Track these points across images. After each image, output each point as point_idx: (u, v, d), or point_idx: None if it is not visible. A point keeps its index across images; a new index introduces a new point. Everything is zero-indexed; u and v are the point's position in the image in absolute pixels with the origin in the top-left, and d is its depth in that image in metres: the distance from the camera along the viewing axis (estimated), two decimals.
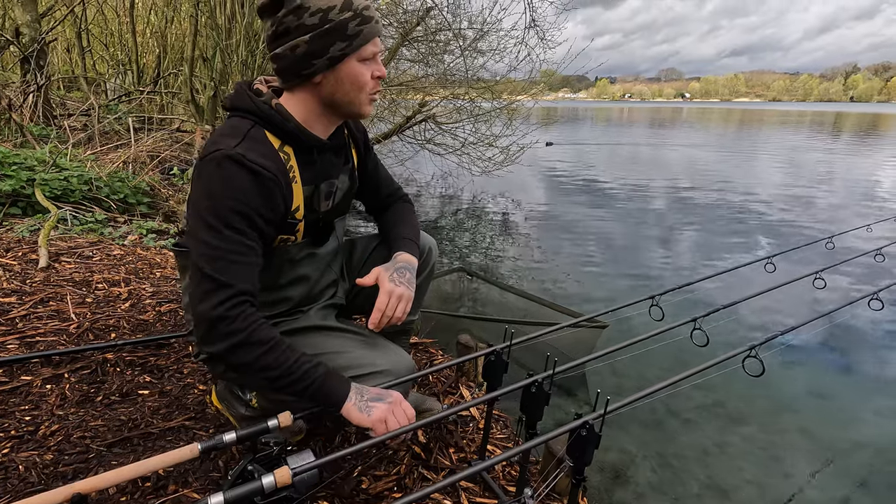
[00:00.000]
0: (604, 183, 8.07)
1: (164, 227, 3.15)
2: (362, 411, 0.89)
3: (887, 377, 2.44)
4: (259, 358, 0.86)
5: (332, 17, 0.87)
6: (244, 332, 0.85)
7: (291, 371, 0.87)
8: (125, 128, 4.93)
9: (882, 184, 8.26)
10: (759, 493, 1.67)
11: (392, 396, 0.93)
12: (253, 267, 0.89)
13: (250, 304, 0.88)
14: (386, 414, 0.89)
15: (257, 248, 0.90)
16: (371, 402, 0.90)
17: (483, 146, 6.14)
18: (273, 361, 0.86)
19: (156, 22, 7.04)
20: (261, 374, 0.87)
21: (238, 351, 0.85)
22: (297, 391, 0.88)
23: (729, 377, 1.79)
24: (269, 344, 0.87)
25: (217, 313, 0.84)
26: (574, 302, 3.24)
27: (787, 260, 2.44)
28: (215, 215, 0.85)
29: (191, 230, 0.89)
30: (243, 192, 0.86)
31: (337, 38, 0.88)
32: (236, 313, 0.85)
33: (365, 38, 0.90)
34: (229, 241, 0.86)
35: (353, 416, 0.89)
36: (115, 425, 1.27)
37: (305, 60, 0.89)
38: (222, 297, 0.84)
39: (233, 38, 3.87)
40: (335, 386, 0.91)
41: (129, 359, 1.58)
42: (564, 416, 1.91)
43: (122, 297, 2.00)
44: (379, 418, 0.89)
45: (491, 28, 5.67)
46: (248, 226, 0.88)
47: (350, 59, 0.91)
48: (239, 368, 0.88)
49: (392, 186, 1.27)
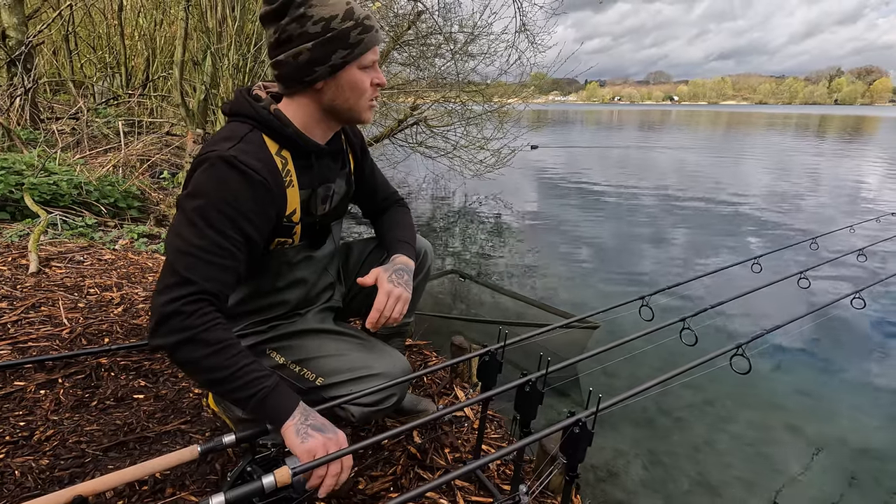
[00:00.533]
0: (594, 185, 8.14)
1: (155, 232, 3.14)
2: (298, 434, 0.84)
3: (870, 374, 2.50)
4: (206, 357, 0.82)
5: (334, 26, 0.89)
6: (194, 330, 0.82)
7: (238, 376, 0.83)
8: (114, 131, 4.89)
9: (865, 185, 8.43)
10: (747, 490, 1.70)
11: (335, 433, 0.87)
12: (226, 270, 0.87)
13: (210, 303, 0.85)
14: (318, 447, 0.83)
15: (237, 253, 0.88)
16: (311, 430, 0.85)
17: (474, 149, 6.18)
18: (220, 363, 0.83)
19: (144, 25, 6.99)
20: (206, 374, 0.84)
21: (184, 347, 0.82)
22: (240, 398, 0.85)
23: (718, 375, 1.83)
24: (220, 345, 0.83)
25: (172, 308, 0.81)
26: (566, 303, 3.27)
27: (773, 260, 2.49)
28: (200, 213, 0.85)
29: (172, 226, 0.89)
30: (232, 194, 0.87)
31: (339, 45, 0.90)
32: (192, 309, 0.82)
33: (365, 47, 0.92)
34: (207, 239, 0.85)
35: (288, 438, 0.84)
36: (110, 430, 1.27)
37: (308, 67, 0.91)
38: (181, 292, 0.82)
39: (224, 41, 3.87)
40: (281, 401, 0.86)
41: (123, 363, 1.58)
42: (558, 417, 1.93)
43: (115, 302, 1.99)
44: (309, 449, 0.82)
45: (481, 32, 5.72)
46: (232, 228, 0.87)
47: (351, 66, 0.93)
48: (184, 365, 0.85)
49: (388, 190, 1.28)
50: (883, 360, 2.64)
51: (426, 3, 5.39)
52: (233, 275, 0.89)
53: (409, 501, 0.76)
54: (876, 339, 2.86)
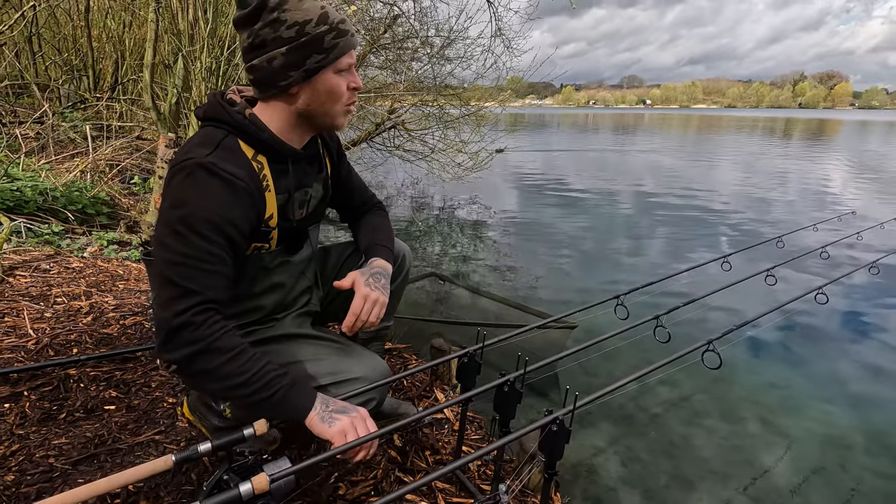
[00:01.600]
0: (572, 187, 8.26)
1: (126, 238, 3.06)
2: (324, 422, 0.88)
3: (834, 366, 2.60)
4: (222, 365, 0.84)
5: (308, 31, 0.88)
6: (207, 340, 0.83)
7: (256, 379, 0.85)
8: (82, 136, 4.75)
9: (828, 185, 8.77)
10: (722, 482, 1.75)
11: (357, 411, 0.91)
12: (221, 276, 0.88)
13: (216, 311, 0.86)
14: (347, 427, 0.88)
15: (226, 258, 0.89)
16: (335, 414, 0.89)
17: (452, 152, 6.20)
18: (237, 369, 0.84)
19: (113, 26, 6.81)
20: (223, 381, 0.85)
21: (199, 358, 0.83)
22: (260, 400, 0.86)
23: (692, 371, 1.87)
24: (234, 351, 0.85)
25: (181, 320, 0.82)
26: (544, 303, 3.31)
27: (742, 258, 2.57)
28: (184, 223, 0.85)
29: (156, 238, 0.88)
30: (214, 201, 0.86)
31: (313, 50, 0.89)
32: (201, 320, 0.83)
33: (341, 51, 0.92)
34: (197, 248, 0.85)
35: (315, 427, 0.88)
36: (80, 442, 1.24)
37: (282, 72, 0.90)
38: (187, 303, 0.83)
39: (196, 44, 3.80)
40: (301, 395, 0.89)
41: (93, 374, 1.53)
42: (537, 416, 1.95)
43: (84, 311, 1.93)
44: (340, 430, 0.87)
45: (458, 36, 5.75)
46: (218, 235, 0.87)
47: (326, 71, 0.92)
48: (199, 376, 0.85)
49: (366, 194, 1.28)
50: (846, 352, 2.74)
51: (402, 8, 5.40)
52: (227, 280, 0.90)
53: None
54: (839, 332, 2.97)
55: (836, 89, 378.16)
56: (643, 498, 1.66)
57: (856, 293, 3.52)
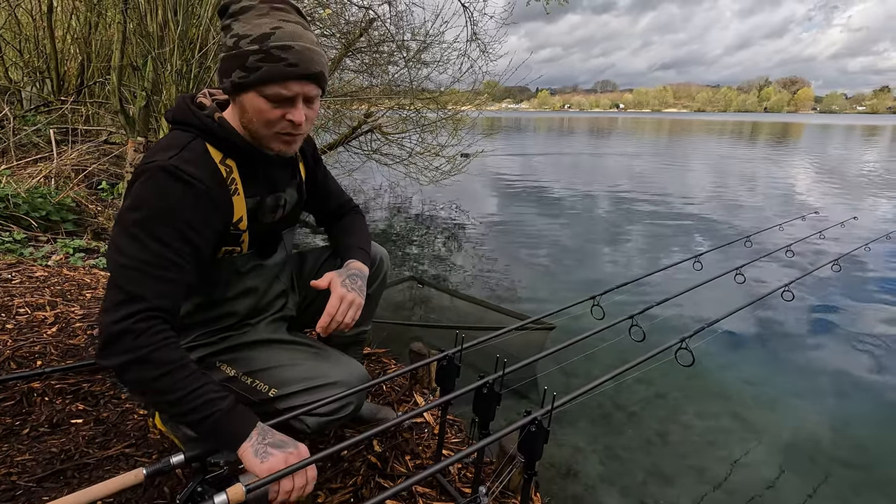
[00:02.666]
0: (548, 190, 8.36)
1: (93, 246, 2.96)
2: (257, 455, 0.81)
3: (801, 361, 2.69)
4: (157, 379, 0.79)
5: (240, 45, 0.85)
6: (145, 349, 0.79)
7: (190, 399, 0.81)
8: (45, 140, 4.58)
9: (792, 186, 9.11)
10: (698, 477, 1.79)
11: (296, 447, 0.85)
12: (174, 283, 0.84)
13: (163, 320, 0.82)
14: (279, 465, 0.80)
15: (184, 264, 0.86)
16: (270, 448, 0.83)
17: (430, 156, 6.21)
18: (172, 385, 0.80)
19: (78, 27, 6.60)
20: (157, 396, 0.81)
21: (134, 368, 0.79)
22: (193, 420, 0.82)
23: (667, 369, 1.91)
24: (172, 365, 0.80)
25: (121, 326, 0.78)
26: (522, 305, 3.33)
27: (712, 258, 2.65)
28: (141, 226, 0.82)
29: (111, 240, 0.85)
30: (175, 204, 0.84)
31: (237, 65, 0.86)
32: (143, 328, 0.79)
33: (265, 76, 0.85)
34: (151, 252, 0.82)
35: (245, 458, 0.82)
36: (44, 458, 1.19)
37: (219, 77, 0.90)
38: (131, 309, 0.79)
39: (166, 46, 3.71)
40: (236, 423, 0.83)
41: (58, 387, 1.47)
42: (517, 418, 1.96)
43: (48, 322, 1.86)
44: (270, 467, 0.80)
45: (434, 40, 5.77)
46: (176, 240, 0.84)
47: (249, 91, 0.87)
48: (134, 386, 0.82)
49: (342, 198, 1.27)
50: (812, 347, 2.85)
51: (378, 11, 5.40)
52: (182, 288, 0.86)
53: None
54: (805, 328, 3.08)
55: (798, 94, 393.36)
56: (622, 495, 1.69)
57: (820, 289, 3.66)
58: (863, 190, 8.60)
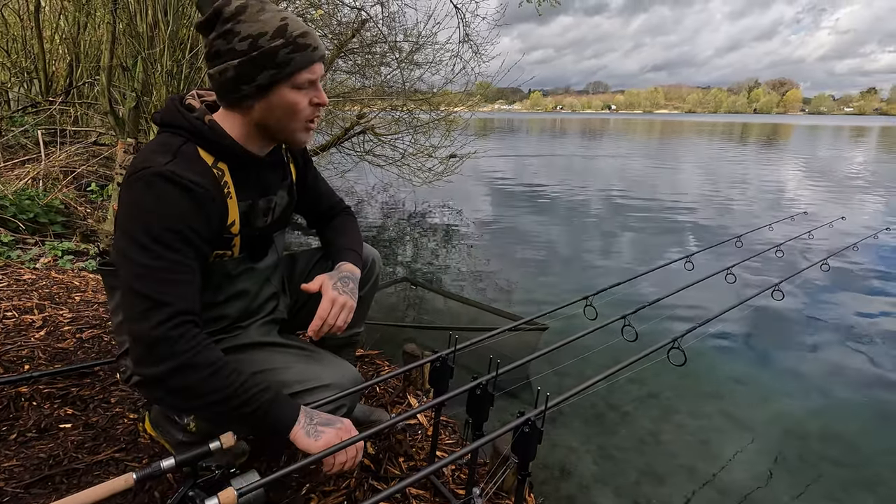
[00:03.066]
0: (541, 191, 8.39)
1: (82, 248, 2.93)
2: (309, 435, 0.86)
3: (791, 359, 2.72)
4: (204, 381, 0.82)
5: (261, 44, 0.85)
6: (188, 354, 0.80)
7: (238, 394, 0.83)
8: (33, 141, 4.53)
9: (781, 187, 9.21)
10: (690, 476, 1.80)
11: (342, 422, 0.90)
12: (191, 285, 0.86)
13: (194, 324, 0.84)
14: (333, 440, 0.86)
15: (194, 266, 0.87)
16: (320, 427, 0.87)
17: (423, 157, 6.20)
18: (219, 384, 0.82)
19: (66, 27, 6.53)
20: (205, 398, 0.83)
21: (180, 373, 0.80)
22: (242, 415, 0.84)
23: (659, 369, 1.92)
24: (216, 366, 0.83)
25: (158, 333, 0.79)
26: (516, 306, 3.34)
27: (704, 258, 2.67)
28: (147, 234, 0.82)
29: (120, 251, 0.85)
30: (176, 210, 0.84)
31: (266, 65, 0.86)
32: (179, 333, 0.81)
33: (297, 66, 0.88)
34: (164, 259, 0.82)
35: (300, 441, 0.86)
36: (32, 464, 1.17)
37: (234, 85, 0.88)
38: (162, 316, 0.80)
39: (156, 46, 3.68)
40: (284, 409, 0.87)
41: (46, 391, 1.45)
42: (510, 419, 1.96)
43: (36, 325, 1.83)
44: (325, 444, 0.86)
45: (426, 41, 5.77)
46: (183, 243, 0.85)
47: (281, 86, 0.88)
48: (180, 392, 0.83)
49: (333, 199, 1.27)
50: (801, 346, 2.88)
51: (370, 12, 5.39)
52: (198, 290, 0.87)
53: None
54: (794, 328, 3.12)
55: (787, 96, 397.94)
56: (615, 494, 1.69)
57: (809, 289, 3.70)
58: (850, 190, 8.71)
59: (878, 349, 2.81)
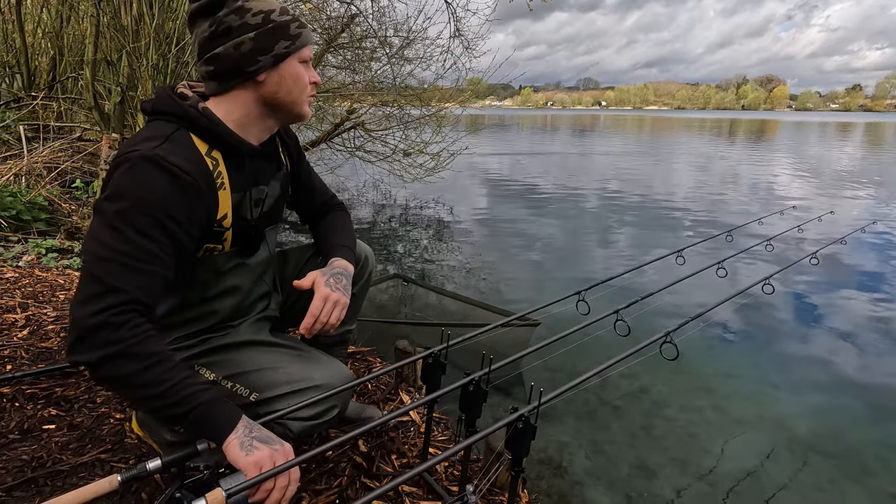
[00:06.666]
0: (533, 187, 8.40)
1: (66, 246, 2.87)
2: (242, 447, 0.79)
3: (782, 353, 2.75)
4: (138, 373, 0.76)
5: (273, 18, 0.90)
6: (125, 343, 0.75)
7: (173, 392, 0.78)
8: (15, 137, 4.43)
9: (770, 182, 9.30)
10: (681, 469, 1.81)
11: (281, 444, 0.83)
12: (154, 277, 0.81)
13: (140, 313, 0.79)
14: (265, 460, 0.79)
15: (165, 258, 0.82)
16: (256, 442, 0.80)
17: (413, 153, 6.17)
18: (153, 378, 0.77)
19: (49, 21, 6.39)
20: (137, 390, 0.78)
21: (113, 362, 0.75)
22: (177, 414, 0.79)
23: (651, 363, 1.93)
24: (154, 358, 0.77)
25: (98, 319, 0.74)
26: (508, 301, 3.34)
27: (695, 252, 2.68)
28: (122, 216, 0.79)
29: (90, 231, 0.81)
30: (158, 196, 0.81)
31: (281, 36, 0.90)
32: (121, 321, 0.76)
33: (304, 41, 0.94)
34: (131, 244, 0.78)
35: (230, 451, 0.79)
36: (15, 466, 1.14)
37: (251, 57, 0.89)
38: (109, 302, 0.75)
39: (141, 40, 3.61)
40: (221, 415, 0.81)
41: (29, 392, 1.42)
42: (504, 415, 1.95)
43: (19, 325, 1.79)
44: (255, 462, 0.78)
45: (417, 36, 5.73)
46: (159, 232, 0.81)
47: (292, 58, 0.93)
48: (112, 382, 0.78)
49: (326, 194, 1.25)
50: (791, 340, 2.91)
51: (360, 7, 5.34)
52: (161, 282, 0.83)
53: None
54: (785, 321, 3.15)
55: (774, 92, 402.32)
56: (608, 489, 1.70)
57: (799, 283, 3.74)
58: (838, 185, 8.83)
59: (868, 342, 2.85)
